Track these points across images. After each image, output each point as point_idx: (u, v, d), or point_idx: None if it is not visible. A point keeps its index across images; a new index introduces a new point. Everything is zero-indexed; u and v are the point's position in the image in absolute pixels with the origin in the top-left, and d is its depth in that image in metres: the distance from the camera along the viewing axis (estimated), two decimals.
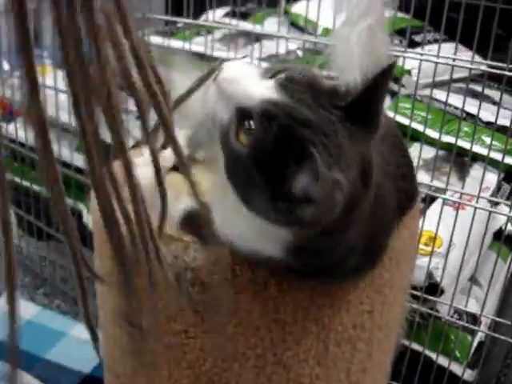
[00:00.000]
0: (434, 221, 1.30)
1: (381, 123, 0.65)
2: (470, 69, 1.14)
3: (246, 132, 0.63)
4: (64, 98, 1.51)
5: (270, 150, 0.61)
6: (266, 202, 0.62)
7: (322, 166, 0.57)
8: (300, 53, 1.86)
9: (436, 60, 1.11)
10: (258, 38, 1.75)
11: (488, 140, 1.62)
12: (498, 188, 1.62)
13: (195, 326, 0.80)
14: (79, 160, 1.63)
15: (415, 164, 1.38)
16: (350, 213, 0.63)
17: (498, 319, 1.30)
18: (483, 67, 1.12)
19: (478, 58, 1.67)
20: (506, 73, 1.07)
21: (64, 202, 0.54)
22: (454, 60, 1.11)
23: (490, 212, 1.27)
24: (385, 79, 0.63)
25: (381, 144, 0.83)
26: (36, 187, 1.78)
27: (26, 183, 1.79)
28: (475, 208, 1.23)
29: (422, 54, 1.12)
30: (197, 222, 0.76)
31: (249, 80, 0.64)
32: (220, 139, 0.66)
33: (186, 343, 0.81)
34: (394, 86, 1.83)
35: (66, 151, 1.65)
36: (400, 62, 1.56)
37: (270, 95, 0.62)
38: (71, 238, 0.55)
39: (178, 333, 0.81)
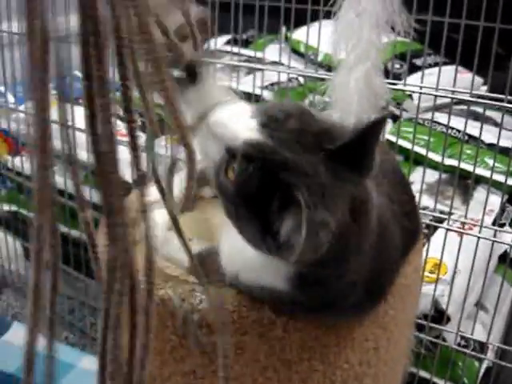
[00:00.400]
0: (438, 247, 1.30)
1: (374, 166, 0.66)
2: (470, 97, 1.14)
3: (232, 171, 0.66)
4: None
5: (252, 190, 0.63)
6: (257, 235, 0.65)
7: (308, 211, 0.59)
8: (302, 80, 1.88)
9: (435, 93, 1.12)
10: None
11: (491, 162, 1.62)
12: (502, 210, 1.63)
13: (203, 366, 0.81)
14: (85, 193, 1.64)
15: (418, 188, 1.39)
16: (343, 246, 0.65)
17: (504, 347, 1.30)
18: (482, 100, 1.13)
19: (478, 79, 1.68)
20: (506, 104, 1.08)
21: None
22: (452, 92, 1.12)
23: (494, 241, 1.27)
24: (377, 128, 0.64)
25: (385, 183, 0.84)
26: None
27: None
28: (478, 238, 1.23)
29: (421, 87, 1.13)
30: (205, 266, 0.77)
31: (237, 121, 0.67)
32: (213, 177, 0.69)
33: None
34: (395, 110, 1.85)
35: (71, 184, 1.66)
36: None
37: (252, 136, 0.64)
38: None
39: (186, 374, 0.82)
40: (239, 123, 0.67)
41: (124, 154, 1.54)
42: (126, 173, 1.41)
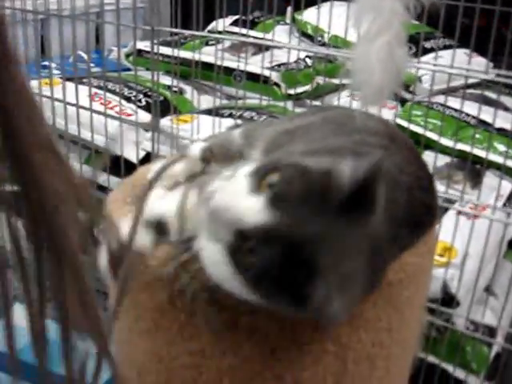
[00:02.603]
0: (448, 230, 1.28)
1: (377, 208, 0.65)
2: (484, 79, 1.12)
3: (248, 253, 0.63)
4: (73, 111, 1.50)
5: (275, 272, 0.62)
6: (287, 307, 0.66)
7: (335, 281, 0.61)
8: (309, 61, 1.85)
9: (449, 70, 1.09)
10: (267, 46, 1.74)
11: (500, 147, 1.60)
12: None
13: (212, 345, 0.79)
14: (88, 172, 1.62)
15: None
16: None
17: None
18: (499, 78, 1.10)
19: (491, 64, 1.66)
20: None
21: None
22: (467, 70, 1.09)
23: (506, 224, 1.25)
24: (376, 177, 0.62)
25: (399, 157, 0.82)
26: None
27: None
28: (491, 220, 1.21)
29: (435, 65, 1.11)
30: None
31: (241, 203, 0.63)
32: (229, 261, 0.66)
33: (202, 363, 0.80)
34: (404, 94, 1.83)
35: (75, 163, 1.65)
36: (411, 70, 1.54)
37: (263, 218, 0.62)
38: None
39: (194, 353, 0.80)
40: (244, 204, 0.63)
41: (129, 134, 1.52)
42: (131, 153, 1.40)
